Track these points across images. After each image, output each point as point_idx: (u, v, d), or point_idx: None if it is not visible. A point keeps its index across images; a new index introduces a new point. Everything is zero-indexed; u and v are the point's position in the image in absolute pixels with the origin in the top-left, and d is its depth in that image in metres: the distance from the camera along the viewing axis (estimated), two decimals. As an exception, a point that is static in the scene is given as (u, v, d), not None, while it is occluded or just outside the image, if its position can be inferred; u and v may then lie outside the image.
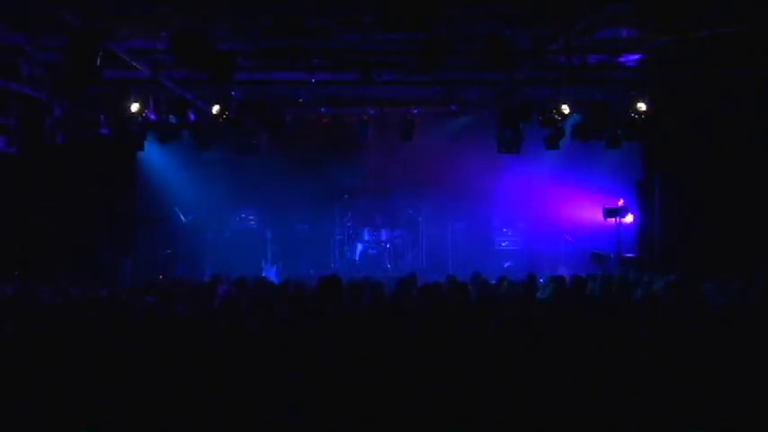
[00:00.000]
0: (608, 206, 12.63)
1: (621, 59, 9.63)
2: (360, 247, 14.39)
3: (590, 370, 4.05)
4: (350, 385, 3.86)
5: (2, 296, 7.02)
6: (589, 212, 13.31)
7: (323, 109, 12.33)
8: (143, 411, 3.68)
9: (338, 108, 12.27)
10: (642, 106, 10.93)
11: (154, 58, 9.15)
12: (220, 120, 11.05)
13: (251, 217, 14.44)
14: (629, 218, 12.82)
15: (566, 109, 10.84)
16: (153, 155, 12.77)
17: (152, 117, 11.05)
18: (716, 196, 11.67)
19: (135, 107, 10.64)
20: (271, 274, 13.24)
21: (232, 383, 3.89)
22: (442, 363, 4.13)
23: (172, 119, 11.35)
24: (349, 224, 14.50)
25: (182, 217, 13.44)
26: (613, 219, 12.54)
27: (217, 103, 10.88)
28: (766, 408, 3.56)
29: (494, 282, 7.89)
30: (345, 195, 14.49)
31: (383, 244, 14.32)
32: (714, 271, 8.08)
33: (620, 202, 12.70)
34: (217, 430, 3.67)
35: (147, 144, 11.98)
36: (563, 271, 11.61)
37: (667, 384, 3.81)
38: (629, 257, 12.46)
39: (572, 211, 13.77)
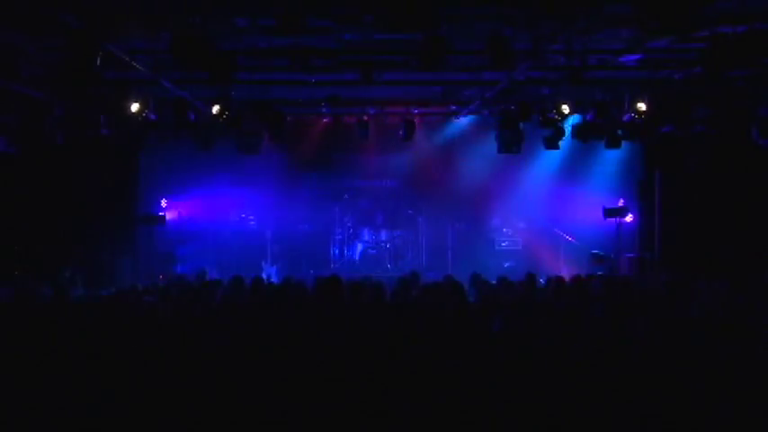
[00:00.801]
0: (608, 206, 12.64)
1: (621, 59, 9.63)
2: (360, 247, 14.39)
3: (590, 370, 4.06)
4: (350, 385, 3.86)
5: (2, 297, 7.02)
6: (589, 212, 13.31)
7: (323, 109, 12.33)
8: (143, 411, 3.68)
9: (338, 108, 12.27)
10: (642, 106, 10.93)
11: (154, 58, 9.15)
12: (220, 120, 11.05)
13: (251, 217, 14.44)
14: (629, 218, 12.83)
15: (566, 109, 10.84)
16: (153, 155, 12.76)
17: (152, 117, 11.05)
18: (715, 196, 11.68)
19: (135, 107, 10.65)
20: (271, 274, 13.25)
21: (232, 383, 3.89)
22: (442, 362, 4.13)
23: (172, 119, 11.35)
24: (349, 224, 14.51)
25: (181, 217, 13.44)
26: (613, 219, 12.55)
27: (217, 103, 10.88)
28: (764, 408, 3.57)
29: (494, 282, 7.89)
30: (345, 195, 14.49)
31: (383, 244, 14.32)
32: (713, 271, 8.09)
33: (621, 203, 12.71)
34: (216, 430, 3.67)
35: (147, 144, 11.97)
36: (563, 271, 11.62)
37: (666, 384, 3.81)
38: (630, 257, 12.47)
39: (572, 211, 13.77)
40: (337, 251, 14.53)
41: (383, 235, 14.36)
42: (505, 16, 7.81)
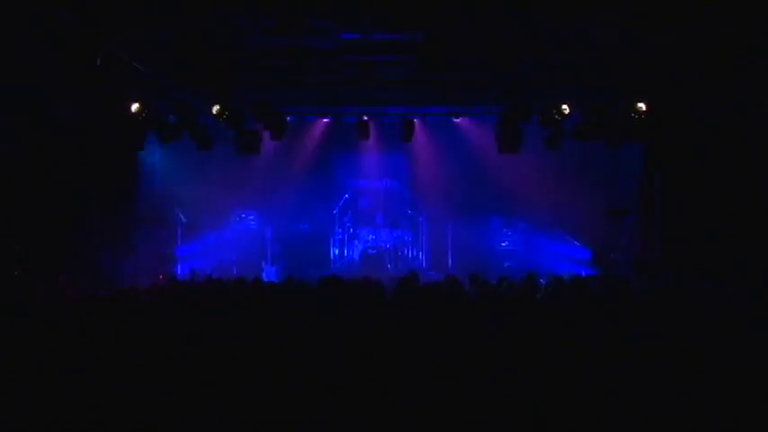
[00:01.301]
0: (609, 206, 12.64)
1: (621, 60, 9.63)
2: (360, 247, 14.39)
3: (590, 370, 4.05)
4: (350, 385, 3.86)
5: (1, 297, 7.02)
6: (589, 212, 13.30)
7: (323, 109, 12.34)
8: (143, 411, 3.68)
9: (338, 108, 12.27)
10: (642, 106, 10.93)
11: (154, 58, 9.15)
12: (220, 120, 11.05)
13: (251, 217, 14.44)
14: (629, 218, 12.82)
15: (566, 109, 10.84)
16: (153, 155, 12.76)
17: (152, 117, 11.05)
18: (716, 196, 11.67)
19: (135, 107, 10.65)
20: (271, 274, 13.25)
21: (232, 384, 3.89)
22: (442, 362, 4.13)
23: (172, 119, 11.35)
24: (349, 224, 14.52)
25: (182, 217, 13.43)
26: (614, 219, 12.55)
27: (217, 103, 10.88)
28: (764, 408, 3.57)
29: (494, 282, 7.89)
30: (345, 195, 14.51)
31: (383, 244, 14.33)
32: (714, 271, 8.09)
33: (620, 204, 12.71)
34: (217, 430, 3.67)
35: (147, 144, 11.97)
36: (562, 270, 11.62)
37: (666, 384, 3.81)
38: (628, 258, 12.46)
39: (572, 210, 13.77)
40: (337, 251, 14.54)
41: (383, 235, 14.37)
42: (505, 16, 7.82)
